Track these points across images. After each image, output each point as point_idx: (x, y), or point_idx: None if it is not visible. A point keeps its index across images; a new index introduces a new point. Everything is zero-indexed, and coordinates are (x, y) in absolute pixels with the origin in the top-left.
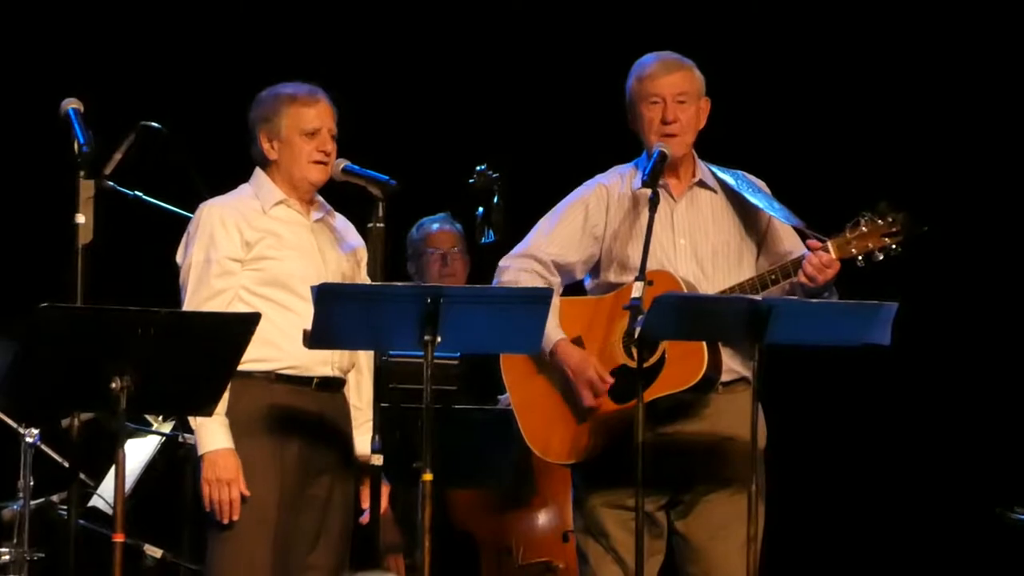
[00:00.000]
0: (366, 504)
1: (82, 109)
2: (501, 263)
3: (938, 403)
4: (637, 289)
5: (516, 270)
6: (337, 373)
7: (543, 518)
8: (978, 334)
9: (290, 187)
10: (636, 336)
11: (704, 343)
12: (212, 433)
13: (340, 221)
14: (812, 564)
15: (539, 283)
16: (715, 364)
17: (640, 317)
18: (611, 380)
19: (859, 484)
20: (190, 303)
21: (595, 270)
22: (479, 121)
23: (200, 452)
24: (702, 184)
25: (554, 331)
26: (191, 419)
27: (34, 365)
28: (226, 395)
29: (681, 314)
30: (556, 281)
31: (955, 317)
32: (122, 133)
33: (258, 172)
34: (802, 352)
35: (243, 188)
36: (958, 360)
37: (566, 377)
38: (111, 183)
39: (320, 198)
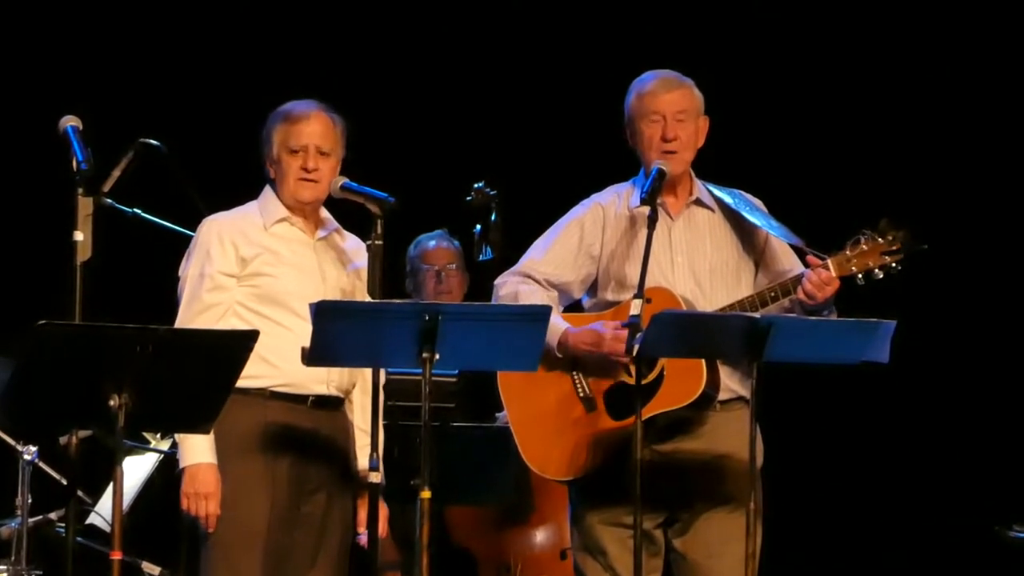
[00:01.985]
0: (362, 528)
1: (80, 126)
2: (497, 281)
3: (936, 421)
4: (635, 306)
5: (513, 284)
6: (334, 392)
7: (541, 535)
8: (976, 351)
9: (287, 204)
10: (635, 353)
11: (703, 360)
12: (195, 447)
13: (352, 242)
14: None
15: (537, 296)
16: (713, 381)
17: (639, 334)
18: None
19: (857, 502)
20: (182, 317)
21: (592, 288)
22: (477, 139)
23: (182, 465)
24: (699, 202)
25: (558, 323)
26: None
27: (32, 382)
28: None
29: (680, 331)
30: (554, 295)
31: (953, 334)
32: (121, 150)
33: (266, 189)
34: (800, 369)
35: (250, 204)
36: (956, 377)
37: (584, 360)
38: (110, 200)
39: (327, 216)
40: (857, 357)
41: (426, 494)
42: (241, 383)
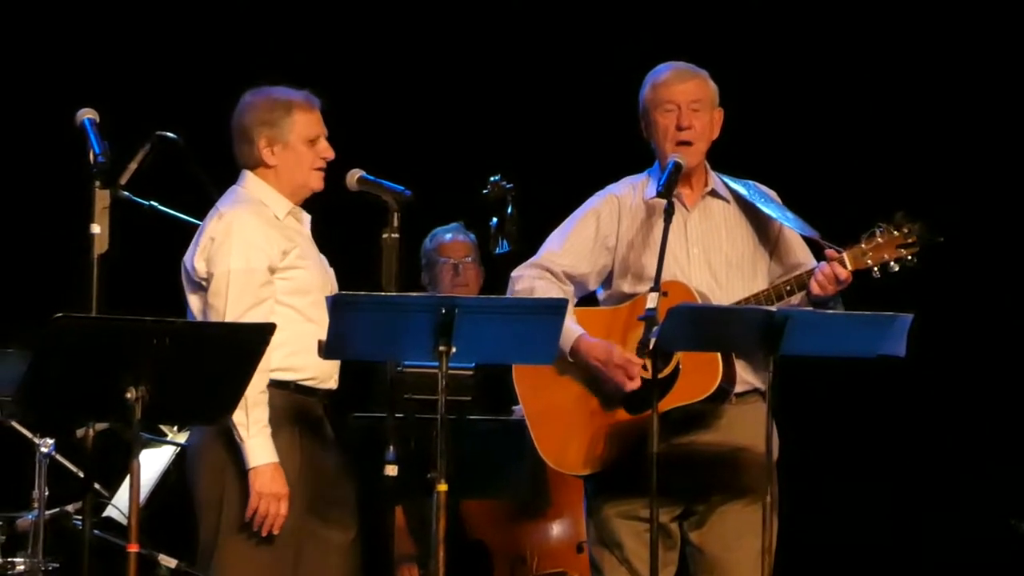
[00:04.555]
0: None
1: (97, 119)
2: (514, 273)
3: (952, 414)
4: (652, 300)
5: (530, 278)
6: (336, 384)
7: (557, 528)
8: (992, 345)
9: (289, 192)
10: (651, 347)
11: (718, 354)
12: (262, 447)
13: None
14: (825, 574)
15: (553, 290)
16: (729, 375)
17: (655, 328)
18: (640, 360)
19: (872, 495)
20: (232, 312)
21: (608, 280)
22: (493, 131)
23: (250, 465)
24: (714, 194)
25: (573, 328)
26: (237, 432)
27: (49, 375)
28: (266, 405)
29: (695, 325)
30: (569, 290)
31: (969, 327)
32: (137, 143)
33: (253, 178)
34: (816, 362)
35: (243, 195)
36: (972, 371)
37: (593, 372)
38: (126, 193)
39: None
40: (874, 351)
41: (442, 487)
42: (277, 375)
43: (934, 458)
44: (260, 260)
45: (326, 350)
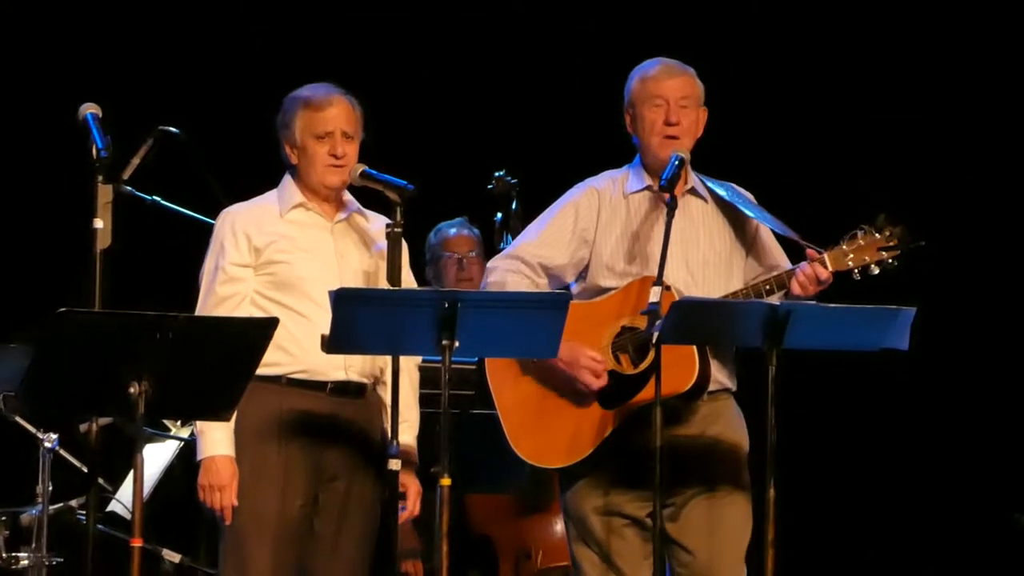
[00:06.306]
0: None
1: (100, 114)
2: (489, 264)
3: (955, 407)
4: (654, 294)
5: (503, 271)
6: (354, 377)
7: (561, 522)
8: (995, 338)
9: (311, 191)
10: (654, 341)
11: (695, 351)
12: (213, 439)
13: (377, 223)
14: (824, 570)
15: (525, 284)
16: (705, 373)
17: (658, 322)
18: (603, 359)
19: (873, 489)
20: (199, 310)
21: (583, 274)
22: (498, 127)
23: (199, 457)
24: (694, 192)
25: None
26: (196, 423)
27: (52, 370)
28: None
29: (698, 319)
30: (543, 283)
31: (972, 321)
32: (140, 138)
33: (286, 176)
34: (817, 356)
35: (270, 192)
36: (975, 364)
37: (557, 373)
38: (129, 188)
39: (350, 198)
40: (877, 344)
41: (446, 481)
42: (258, 371)
43: (936, 451)
44: (224, 259)
45: (329, 344)
